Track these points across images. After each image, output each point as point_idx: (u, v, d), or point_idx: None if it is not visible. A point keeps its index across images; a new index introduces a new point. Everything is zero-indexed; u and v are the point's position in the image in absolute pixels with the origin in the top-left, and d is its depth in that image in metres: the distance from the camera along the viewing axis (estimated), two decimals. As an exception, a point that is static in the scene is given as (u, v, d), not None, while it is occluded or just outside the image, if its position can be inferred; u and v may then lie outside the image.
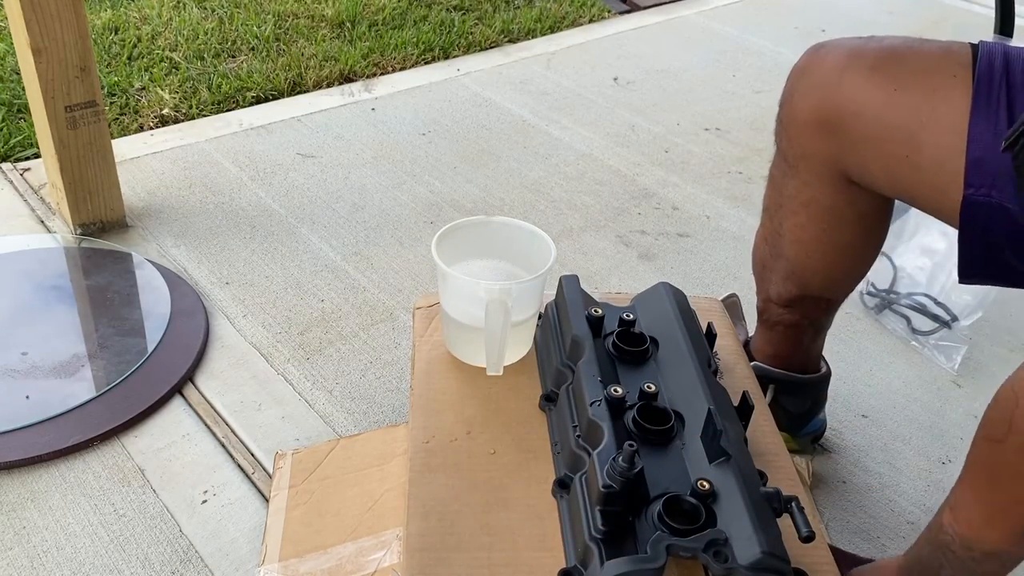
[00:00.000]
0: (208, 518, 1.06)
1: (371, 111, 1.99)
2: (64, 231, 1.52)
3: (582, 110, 2.06)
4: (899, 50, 0.87)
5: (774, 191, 1.01)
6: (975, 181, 0.79)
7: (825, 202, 0.95)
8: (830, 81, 0.89)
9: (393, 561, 0.88)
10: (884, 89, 0.85)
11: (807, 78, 0.92)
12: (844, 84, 0.88)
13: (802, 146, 0.94)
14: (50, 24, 1.32)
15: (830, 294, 1.06)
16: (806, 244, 0.99)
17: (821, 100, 0.90)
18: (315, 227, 1.59)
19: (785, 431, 1.16)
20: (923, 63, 0.85)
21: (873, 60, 0.87)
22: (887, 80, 0.85)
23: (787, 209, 0.99)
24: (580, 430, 0.78)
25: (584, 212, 1.70)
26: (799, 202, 0.97)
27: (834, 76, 0.89)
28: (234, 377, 1.26)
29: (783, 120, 0.96)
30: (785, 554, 0.65)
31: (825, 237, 0.98)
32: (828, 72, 0.89)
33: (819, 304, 1.06)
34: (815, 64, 0.91)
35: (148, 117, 1.89)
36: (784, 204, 0.99)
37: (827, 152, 0.91)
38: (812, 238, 0.98)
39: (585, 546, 0.69)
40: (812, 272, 1.01)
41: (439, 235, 0.89)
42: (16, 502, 1.07)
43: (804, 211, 0.97)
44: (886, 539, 1.11)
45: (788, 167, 0.97)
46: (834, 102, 0.89)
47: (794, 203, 0.98)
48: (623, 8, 2.64)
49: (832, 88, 0.89)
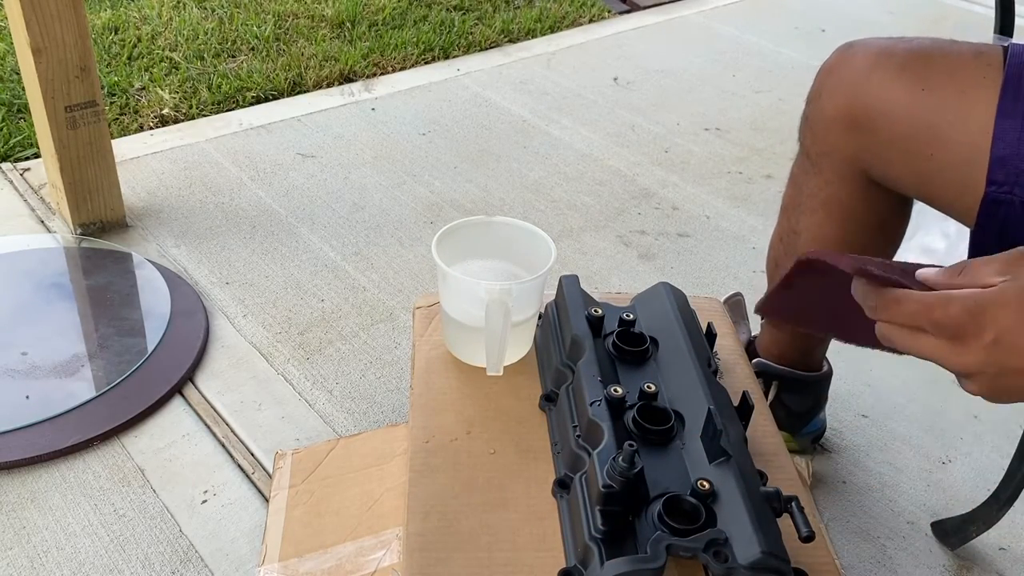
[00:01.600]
0: (208, 518, 1.06)
1: (371, 111, 1.99)
2: (64, 231, 1.52)
3: (582, 110, 2.06)
4: (928, 50, 0.88)
5: (794, 190, 1.02)
6: (999, 178, 0.79)
7: (845, 201, 0.96)
8: (859, 79, 0.90)
9: (393, 561, 0.88)
10: (912, 88, 0.86)
11: (836, 76, 0.93)
12: (872, 83, 0.88)
13: (827, 143, 0.94)
14: (50, 24, 1.32)
15: None
16: (822, 243, 1.00)
17: (849, 98, 0.90)
18: (315, 227, 1.59)
19: (785, 431, 1.16)
20: (952, 64, 0.85)
21: (902, 60, 0.87)
22: (916, 79, 0.86)
23: (806, 207, 0.99)
24: (580, 430, 0.78)
25: (584, 212, 1.70)
26: (819, 200, 0.98)
27: (863, 75, 0.89)
28: (234, 377, 1.26)
29: (809, 117, 0.97)
30: (785, 554, 0.65)
31: (842, 237, 0.98)
32: (857, 71, 0.90)
33: None
34: (844, 63, 0.92)
35: (148, 117, 1.89)
36: (803, 202, 1.00)
37: (851, 150, 0.92)
38: (829, 237, 0.99)
39: (585, 546, 0.69)
40: None
41: (439, 235, 0.89)
42: (16, 502, 1.07)
43: (823, 209, 0.98)
44: (886, 539, 1.11)
45: (810, 165, 0.98)
46: (862, 100, 0.89)
47: (814, 201, 0.98)
48: (623, 8, 2.64)
49: (861, 86, 0.89)
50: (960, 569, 1.09)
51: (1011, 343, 0.56)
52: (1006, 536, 1.13)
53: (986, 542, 1.11)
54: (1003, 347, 0.56)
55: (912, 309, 0.60)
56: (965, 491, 1.18)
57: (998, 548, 1.12)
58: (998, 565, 1.10)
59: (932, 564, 1.09)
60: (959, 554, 1.10)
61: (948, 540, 1.11)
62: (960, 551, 1.10)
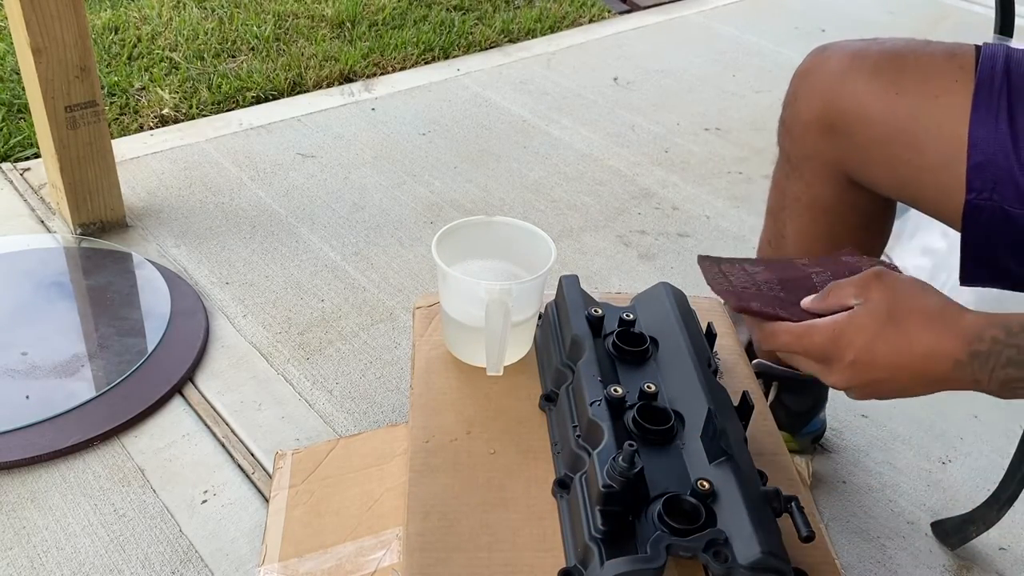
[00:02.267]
0: (208, 518, 1.06)
1: (371, 111, 1.99)
2: (64, 231, 1.52)
3: (582, 110, 2.06)
4: (901, 53, 0.87)
5: (777, 193, 1.01)
6: (977, 185, 0.79)
7: (828, 203, 0.96)
8: (833, 84, 0.89)
9: (393, 561, 0.88)
10: (886, 93, 0.85)
11: (810, 80, 0.92)
12: (846, 87, 0.88)
13: (805, 148, 0.94)
14: (50, 24, 1.32)
15: None
16: (810, 244, 0.99)
17: (824, 103, 0.90)
18: (315, 227, 1.59)
19: (785, 431, 1.16)
20: (925, 66, 0.85)
21: (875, 63, 0.87)
22: (889, 84, 0.85)
23: (790, 211, 0.99)
24: (580, 430, 0.78)
25: (584, 212, 1.70)
26: (803, 204, 0.97)
27: (837, 79, 0.89)
28: (234, 377, 1.26)
29: (786, 122, 0.96)
30: (785, 554, 0.65)
31: (828, 237, 0.98)
32: (831, 75, 0.90)
33: None
34: (818, 66, 0.92)
35: (148, 117, 1.89)
36: (787, 206, 0.99)
37: (830, 154, 0.92)
38: (816, 238, 0.99)
39: (585, 546, 0.69)
40: None
41: (439, 235, 0.89)
42: (16, 502, 1.07)
43: (807, 213, 0.97)
44: (886, 539, 1.11)
45: (791, 168, 0.97)
46: (837, 105, 0.89)
47: (798, 205, 0.98)
48: (623, 8, 2.64)
49: (835, 91, 0.89)
50: (960, 569, 1.09)
51: (867, 361, 0.67)
52: (1006, 536, 1.13)
53: (986, 542, 1.11)
54: (862, 365, 0.67)
55: (785, 340, 0.71)
56: (965, 491, 1.18)
57: (998, 548, 1.12)
58: (998, 565, 1.10)
59: (932, 564, 1.09)
60: (959, 554, 1.10)
61: (948, 540, 1.11)
62: (960, 551, 1.10)
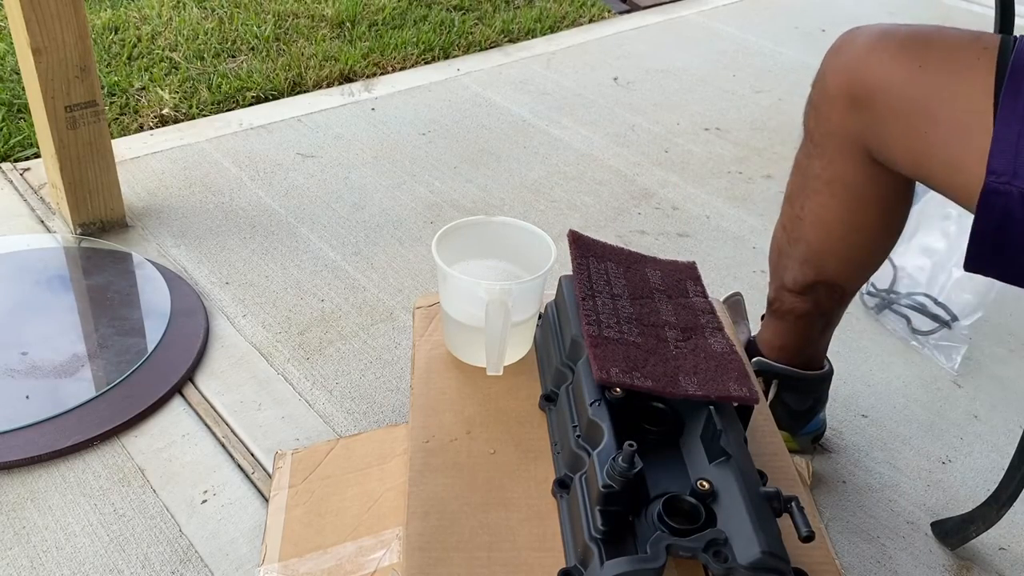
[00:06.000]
0: (208, 518, 1.06)
1: (371, 111, 1.99)
2: (64, 231, 1.52)
3: (582, 110, 2.06)
4: (928, 32, 0.91)
5: (798, 175, 1.04)
6: (998, 168, 0.79)
7: (848, 180, 0.98)
8: (860, 57, 0.92)
9: (393, 561, 0.88)
10: (909, 66, 0.88)
11: (839, 57, 0.96)
12: (872, 61, 0.91)
13: (831, 124, 0.96)
14: (50, 24, 1.32)
15: (844, 280, 1.06)
16: (827, 224, 1.01)
17: (850, 76, 0.93)
18: (315, 227, 1.59)
19: (785, 431, 1.16)
20: (950, 45, 0.88)
21: (902, 40, 0.90)
22: (913, 58, 0.88)
23: (810, 189, 1.01)
24: (580, 430, 0.78)
25: (584, 212, 1.70)
26: (823, 181, 0.99)
27: (864, 53, 0.92)
28: (234, 377, 1.26)
29: (814, 99, 0.99)
30: (785, 554, 0.65)
31: (847, 217, 1.00)
32: (858, 50, 0.93)
33: (832, 292, 1.07)
34: (847, 44, 0.95)
35: (148, 117, 1.89)
36: (807, 184, 1.01)
37: (853, 128, 0.94)
38: (833, 218, 1.00)
39: (585, 546, 0.69)
40: (830, 254, 1.03)
41: (439, 235, 0.89)
42: (16, 502, 1.07)
43: (827, 189, 0.99)
44: (886, 539, 1.11)
45: (814, 147, 1.00)
46: (861, 77, 0.92)
47: (818, 182, 1.00)
48: (623, 8, 2.64)
49: (861, 64, 0.92)
50: (960, 569, 1.09)
51: None
52: (1006, 536, 1.13)
53: (986, 542, 1.11)
54: None
55: None
56: (965, 491, 1.18)
57: (998, 548, 1.12)
58: (998, 565, 1.10)
59: (932, 564, 1.09)
60: (959, 554, 1.10)
61: (948, 540, 1.11)
62: (960, 551, 1.10)
